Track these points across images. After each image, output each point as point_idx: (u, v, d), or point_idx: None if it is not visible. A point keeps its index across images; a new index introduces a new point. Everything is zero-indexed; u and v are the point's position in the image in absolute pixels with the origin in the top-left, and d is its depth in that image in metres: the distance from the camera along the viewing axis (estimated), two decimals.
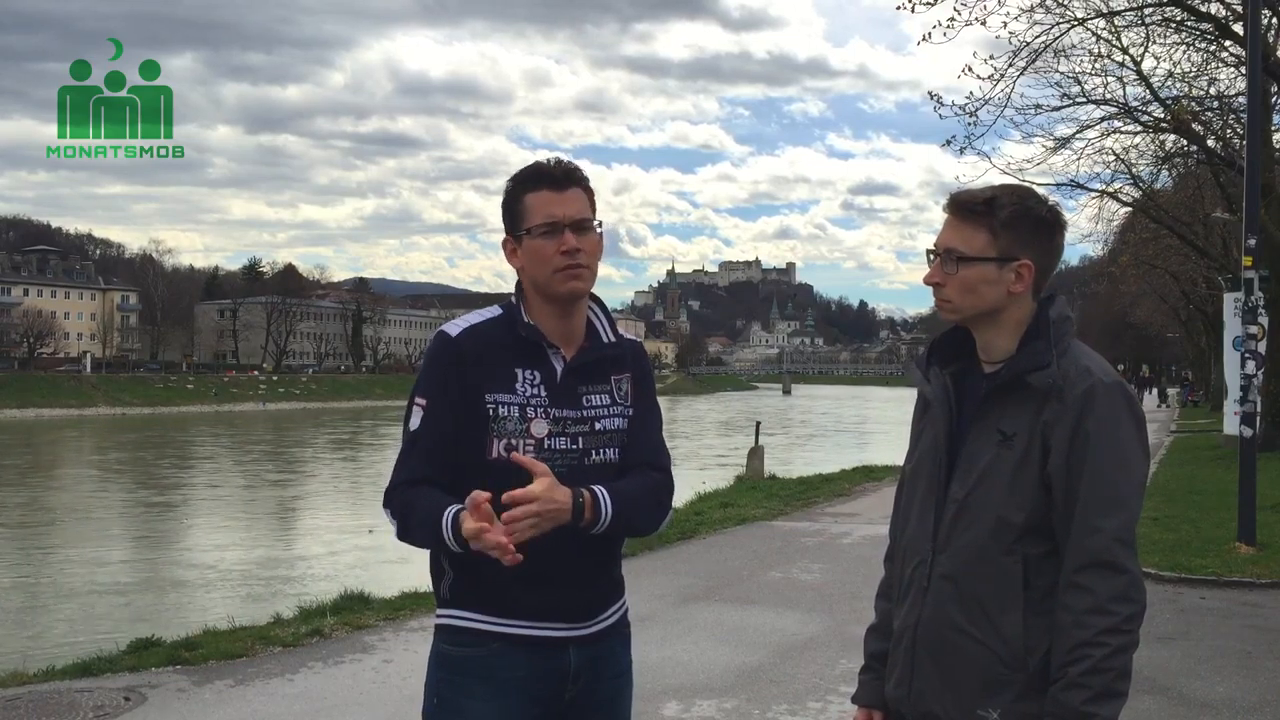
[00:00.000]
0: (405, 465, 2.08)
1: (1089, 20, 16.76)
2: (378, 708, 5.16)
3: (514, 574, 1.98)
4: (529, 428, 2.05)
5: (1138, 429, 1.86)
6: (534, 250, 2.08)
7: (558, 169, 2.11)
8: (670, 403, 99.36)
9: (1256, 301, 9.96)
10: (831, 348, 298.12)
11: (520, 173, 2.15)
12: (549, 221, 2.07)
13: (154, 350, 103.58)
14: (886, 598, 2.12)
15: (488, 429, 2.04)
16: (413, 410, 2.09)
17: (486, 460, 2.03)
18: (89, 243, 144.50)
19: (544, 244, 2.06)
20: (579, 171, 2.12)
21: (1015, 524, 1.85)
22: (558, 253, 2.06)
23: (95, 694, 5.29)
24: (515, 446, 2.03)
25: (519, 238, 2.10)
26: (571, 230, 2.06)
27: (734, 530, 11.08)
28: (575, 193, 2.10)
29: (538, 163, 2.13)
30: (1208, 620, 7.08)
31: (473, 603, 2.05)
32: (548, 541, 2.00)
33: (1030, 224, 1.89)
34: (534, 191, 2.09)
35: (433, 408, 2.06)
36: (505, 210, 2.14)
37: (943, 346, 2.03)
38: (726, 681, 5.56)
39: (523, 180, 2.12)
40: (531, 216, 2.08)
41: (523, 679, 2.05)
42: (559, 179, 2.10)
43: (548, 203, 2.08)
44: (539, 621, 2.05)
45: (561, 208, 2.07)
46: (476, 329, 2.11)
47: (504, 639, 2.05)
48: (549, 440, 2.06)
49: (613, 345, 2.19)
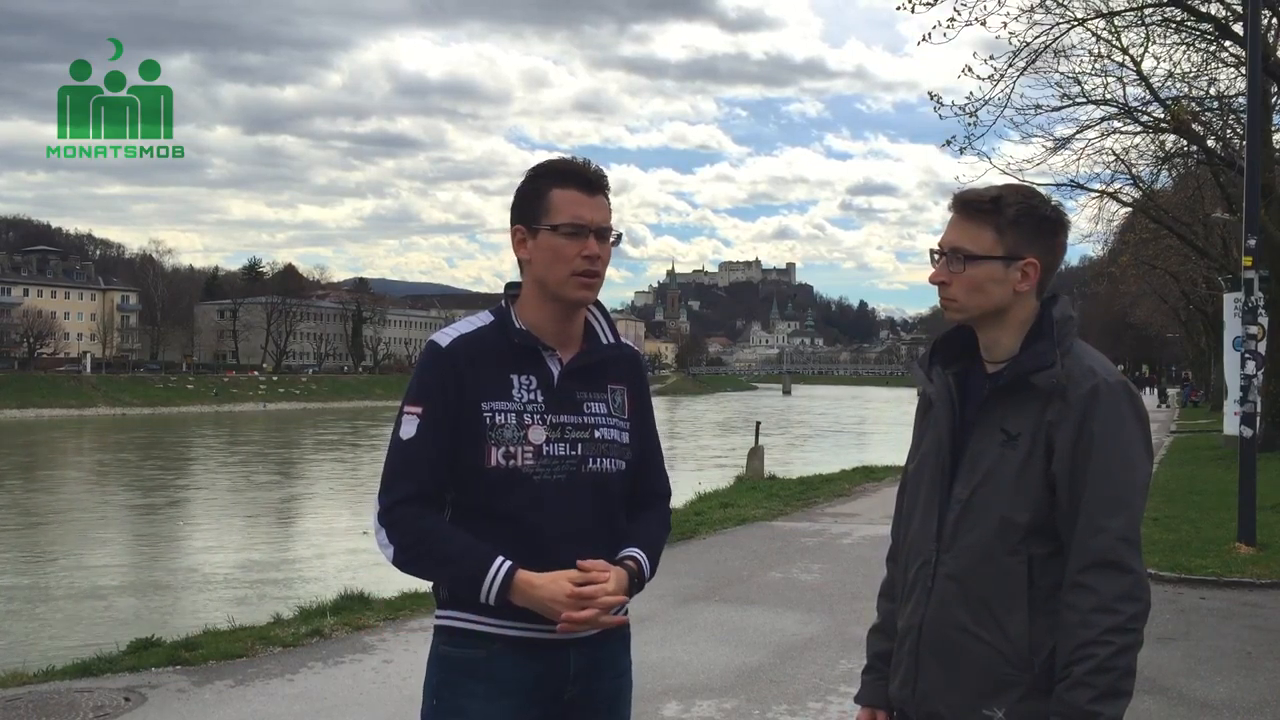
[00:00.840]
0: (402, 479, 2.02)
1: (1089, 20, 16.78)
2: (378, 708, 5.15)
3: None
4: (527, 434, 2.02)
5: (1141, 429, 1.86)
6: (553, 248, 2.04)
7: (591, 171, 2.08)
8: (670, 403, 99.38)
9: (1256, 301, 9.96)
10: (831, 348, 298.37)
11: (548, 165, 2.10)
12: (576, 223, 2.04)
13: (154, 350, 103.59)
14: (889, 598, 2.11)
15: (485, 438, 2.01)
16: (404, 419, 2.04)
17: (485, 469, 2.01)
18: (89, 243, 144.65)
19: (566, 244, 2.03)
20: (607, 178, 2.10)
21: (1020, 524, 1.84)
22: (579, 256, 2.04)
23: (95, 694, 5.29)
24: (514, 454, 2.00)
25: (535, 230, 2.06)
26: (596, 236, 2.05)
27: (734, 530, 11.07)
28: (602, 199, 2.08)
29: (568, 159, 2.09)
30: (1208, 620, 7.08)
31: (473, 604, 2.02)
32: (550, 547, 2.00)
33: (1035, 222, 1.89)
34: (563, 188, 2.05)
35: (428, 416, 2.02)
36: (524, 199, 2.08)
37: (945, 346, 2.03)
38: (726, 681, 5.56)
39: (551, 173, 2.07)
40: (557, 213, 2.04)
41: (523, 681, 2.03)
42: (591, 182, 2.07)
43: (576, 203, 2.05)
44: (535, 623, 2.02)
45: (590, 211, 2.05)
46: (468, 337, 2.07)
47: (505, 641, 2.02)
48: (547, 447, 2.03)
49: (612, 347, 2.17)
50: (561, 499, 2.03)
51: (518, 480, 2.00)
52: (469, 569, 1.97)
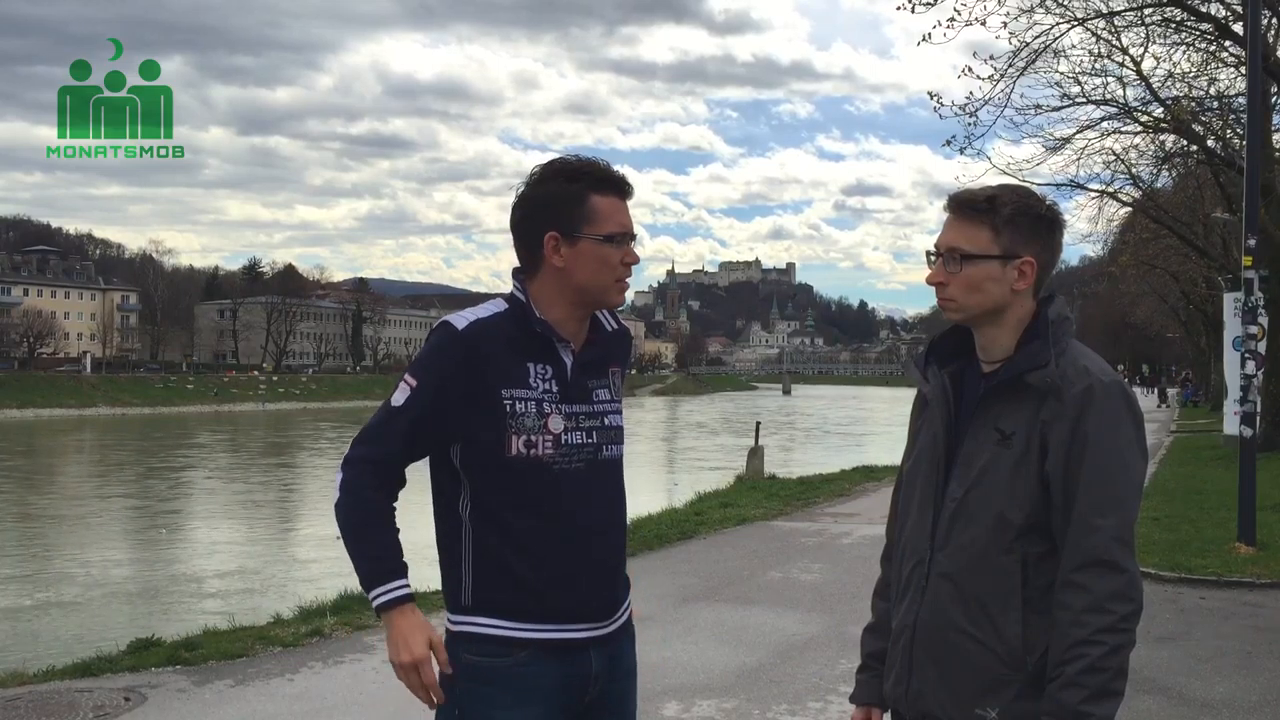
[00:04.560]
0: (377, 441, 2.04)
1: (1089, 20, 16.77)
2: (378, 708, 5.15)
3: (546, 577, 2.00)
4: (547, 424, 2.01)
5: (1136, 428, 1.86)
6: (598, 255, 2.03)
7: (621, 176, 2.08)
8: (670, 403, 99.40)
9: (1256, 301, 9.96)
10: (831, 348, 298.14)
11: (579, 169, 2.05)
12: (622, 231, 2.04)
13: (154, 350, 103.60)
14: (883, 597, 2.12)
15: (505, 426, 1.99)
16: (400, 387, 2.03)
17: (506, 458, 2.00)
18: (89, 243, 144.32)
19: (612, 252, 2.04)
20: None
21: (1014, 523, 1.85)
22: (621, 263, 2.05)
23: (95, 694, 5.29)
24: (534, 443, 2.00)
25: (575, 239, 2.02)
26: (631, 242, 2.07)
27: (734, 530, 11.07)
28: (628, 203, 2.09)
29: (597, 163, 2.06)
30: (1208, 620, 7.08)
31: (497, 610, 2.00)
32: (579, 537, 2.01)
33: (1031, 221, 1.90)
34: (604, 195, 2.04)
35: (421, 393, 2.00)
36: (559, 204, 2.02)
37: (941, 346, 2.04)
38: (726, 681, 5.56)
39: (587, 179, 2.04)
40: (604, 222, 2.03)
41: (550, 686, 2.01)
42: (625, 188, 2.07)
43: (618, 211, 2.05)
44: (566, 624, 2.02)
45: (628, 218, 2.07)
46: (484, 322, 2.04)
47: (532, 645, 2.00)
48: (565, 436, 2.03)
49: (617, 332, 2.19)
50: (581, 488, 2.03)
51: (539, 469, 2.00)
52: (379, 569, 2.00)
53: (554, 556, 2.00)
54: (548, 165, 2.07)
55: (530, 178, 2.07)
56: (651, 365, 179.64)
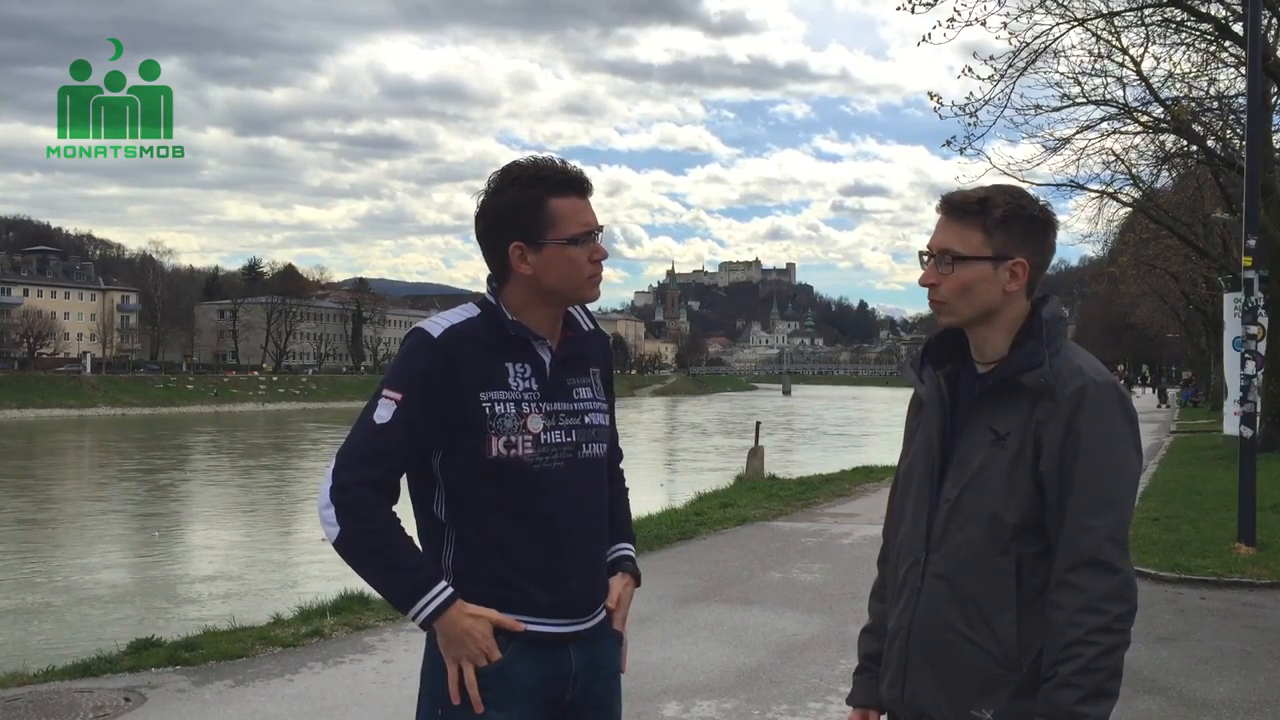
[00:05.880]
0: (368, 462, 1.96)
1: (1089, 20, 16.77)
2: (378, 708, 5.16)
3: (527, 575, 2.01)
4: (526, 423, 2.02)
5: (1130, 429, 1.86)
6: (566, 259, 2.01)
7: (578, 173, 2.05)
8: (670, 403, 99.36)
9: (1256, 301, 9.96)
10: (831, 348, 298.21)
11: (532, 173, 2.01)
12: (586, 231, 2.03)
13: (154, 350, 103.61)
14: (880, 598, 2.12)
15: (486, 428, 1.99)
16: (381, 402, 1.98)
17: (487, 460, 2.00)
18: (89, 243, 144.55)
19: (578, 253, 2.02)
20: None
21: (1009, 523, 1.85)
22: (589, 261, 2.04)
23: (95, 694, 5.29)
24: (514, 444, 2.00)
25: (540, 246, 2.00)
26: (597, 237, 2.06)
27: (734, 530, 11.07)
28: (589, 198, 2.07)
29: (553, 163, 2.03)
30: (1208, 620, 7.08)
31: (490, 601, 2.00)
32: (563, 535, 2.02)
33: (1024, 223, 1.90)
34: (563, 197, 2.01)
35: (407, 405, 1.97)
36: (518, 213, 2.00)
37: (937, 347, 2.04)
38: (726, 682, 5.55)
39: (542, 183, 2.00)
40: (566, 224, 2.01)
41: (532, 684, 2.02)
42: (584, 185, 2.05)
43: (579, 210, 2.03)
44: (545, 618, 2.03)
45: (591, 215, 2.05)
46: (457, 328, 2.03)
47: (522, 640, 2.01)
48: (545, 435, 2.03)
49: (594, 334, 2.20)
50: (562, 486, 2.04)
51: (519, 469, 2.00)
52: (414, 581, 1.95)
53: (535, 555, 2.01)
54: (504, 172, 2.04)
55: (488, 187, 2.04)
56: (651, 365, 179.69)
